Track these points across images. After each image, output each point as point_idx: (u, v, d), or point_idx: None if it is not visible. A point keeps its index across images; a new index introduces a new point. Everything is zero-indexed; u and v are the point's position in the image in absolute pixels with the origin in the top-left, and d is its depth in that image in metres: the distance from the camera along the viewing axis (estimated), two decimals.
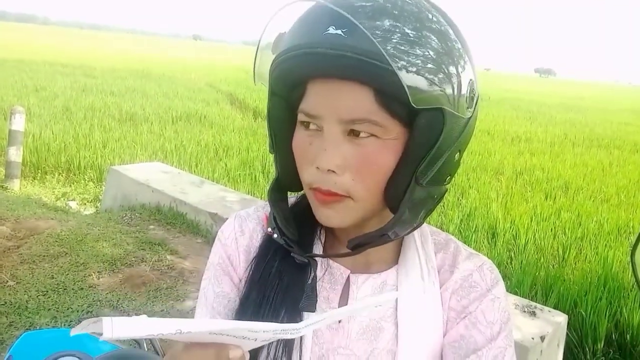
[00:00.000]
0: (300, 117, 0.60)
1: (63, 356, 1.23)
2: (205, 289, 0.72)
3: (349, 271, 0.68)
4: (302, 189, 0.66)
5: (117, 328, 0.36)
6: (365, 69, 0.53)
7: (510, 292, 3.50)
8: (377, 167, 0.58)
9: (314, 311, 0.63)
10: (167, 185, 4.76)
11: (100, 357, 1.16)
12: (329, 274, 0.69)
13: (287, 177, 0.66)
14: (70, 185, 6.31)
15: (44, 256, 3.54)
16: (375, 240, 0.61)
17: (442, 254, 0.71)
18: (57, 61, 21.71)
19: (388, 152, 0.58)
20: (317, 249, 0.69)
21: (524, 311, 2.64)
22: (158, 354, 1.32)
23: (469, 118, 0.60)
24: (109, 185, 5.31)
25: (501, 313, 0.66)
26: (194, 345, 0.45)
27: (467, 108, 0.59)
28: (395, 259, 0.70)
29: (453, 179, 0.64)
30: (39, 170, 6.56)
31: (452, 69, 0.56)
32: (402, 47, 0.52)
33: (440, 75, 0.55)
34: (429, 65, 0.54)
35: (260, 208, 0.76)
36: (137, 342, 1.38)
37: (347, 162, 0.57)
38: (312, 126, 0.59)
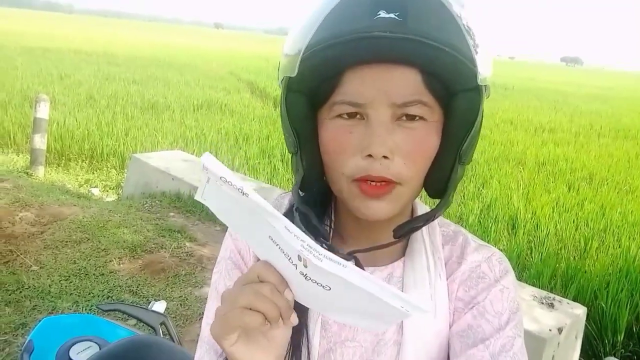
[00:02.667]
0: (338, 108, 0.58)
1: (81, 341, 1.26)
2: (216, 282, 0.73)
3: (353, 259, 0.67)
4: (324, 187, 0.65)
5: (210, 161, 0.46)
6: (423, 51, 0.54)
7: (529, 283, 3.46)
8: (426, 150, 0.59)
9: None
10: (187, 174, 4.81)
11: (117, 342, 1.18)
12: None
13: (312, 176, 0.64)
14: (93, 173, 6.41)
15: (67, 242, 3.62)
16: (421, 225, 0.64)
17: (450, 246, 0.71)
18: (81, 49, 22.00)
19: (434, 135, 0.59)
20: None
21: (542, 303, 2.61)
22: (173, 341, 1.34)
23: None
24: (130, 172, 5.39)
25: (510, 303, 0.66)
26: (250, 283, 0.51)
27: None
28: (401, 251, 0.70)
29: None
30: (63, 158, 6.68)
31: (484, 48, 0.58)
32: (452, 29, 0.55)
33: (478, 55, 0.57)
34: (472, 45, 0.56)
35: (272, 201, 0.76)
36: (153, 329, 1.40)
37: (398, 147, 0.57)
38: (350, 115, 0.58)
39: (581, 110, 17.17)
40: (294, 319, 0.53)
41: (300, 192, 0.65)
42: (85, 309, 2.82)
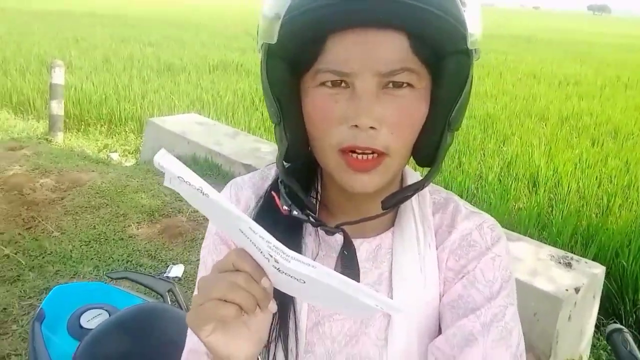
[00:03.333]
0: (322, 76, 0.55)
1: (91, 309, 1.28)
2: (204, 257, 0.72)
3: (342, 236, 0.63)
4: (309, 158, 0.63)
5: (166, 159, 0.44)
6: (410, 13, 0.51)
7: (549, 243, 3.42)
8: (414, 118, 0.57)
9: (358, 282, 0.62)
10: (202, 137, 4.81)
11: (125, 310, 1.20)
12: (323, 241, 0.67)
13: (296, 146, 0.61)
14: (112, 137, 6.46)
15: (86, 207, 3.68)
16: (410, 195, 0.61)
17: (440, 214, 0.68)
18: (95, 12, 21.88)
19: (422, 102, 0.57)
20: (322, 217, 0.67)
21: (560, 262, 2.58)
22: (182, 309, 1.36)
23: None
24: (147, 137, 5.42)
25: (502, 271, 0.63)
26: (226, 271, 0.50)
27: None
28: (391, 221, 0.68)
29: None
30: (82, 123, 6.73)
31: (473, 6, 0.55)
32: None
33: (467, 16, 0.54)
34: (461, 4, 0.53)
35: (257, 175, 0.73)
36: (161, 296, 1.42)
37: (385, 117, 0.55)
38: (334, 83, 0.55)
39: (608, 61, 16.58)
40: (272, 307, 0.52)
41: (285, 164, 0.63)
42: (105, 273, 2.89)
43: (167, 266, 1.62)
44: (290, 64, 0.57)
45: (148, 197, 3.90)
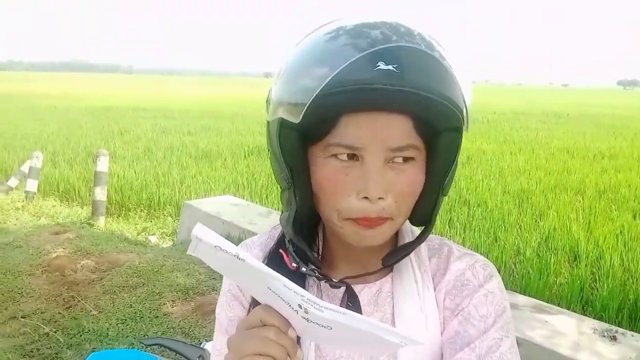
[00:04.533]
0: (334, 149, 0.60)
1: None
2: (219, 314, 0.77)
3: (345, 285, 0.68)
4: (315, 221, 0.70)
5: (203, 231, 0.50)
6: (416, 101, 0.57)
7: (595, 318, 3.27)
8: (415, 187, 0.64)
9: None
10: (236, 217, 4.92)
11: None
12: (325, 291, 0.71)
13: (304, 211, 0.65)
14: (150, 221, 6.66)
15: (124, 287, 3.76)
16: (409, 253, 0.67)
17: (436, 259, 0.73)
18: (139, 106, 23.27)
19: (420, 172, 0.64)
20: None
21: (604, 336, 2.46)
22: None
23: None
24: (183, 218, 5.57)
25: (495, 306, 0.66)
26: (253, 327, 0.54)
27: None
28: (389, 267, 0.71)
29: None
30: (123, 208, 6.99)
31: (465, 91, 0.62)
32: (439, 76, 0.59)
33: (462, 99, 0.61)
34: (458, 91, 0.61)
35: (264, 236, 0.79)
36: None
37: (391, 188, 0.61)
38: (345, 157, 0.60)
39: None
40: (300, 355, 0.56)
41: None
42: (140, 339, 2.90)
43: (200, 343, 1.64)
44: (302, 134, 0.62)
45: (183, 276, 3.97)
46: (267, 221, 4.84)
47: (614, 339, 2.43)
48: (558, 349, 2.40)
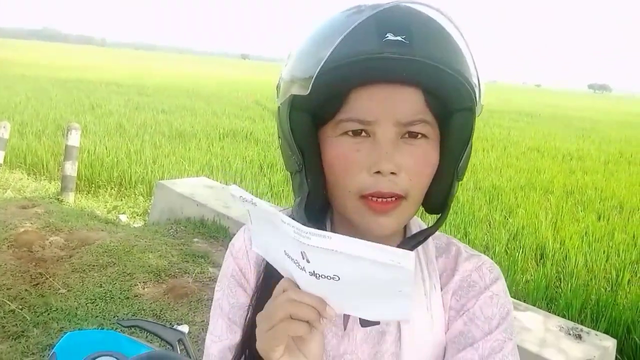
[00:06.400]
0: (345, 125, 0.60)
1: (102, 356, 1.29)
2: (219, 300, 0.74)
3: None
4: (326, 205, 0.67)
5: (239, 192, 0.53)
6: (427, 72, 0.57)
7: (558, 315, 3.37)
8: (429, 166, 0.63)
9: (378, 324, 0.67)
10: (211, 200, 4.88)
11: (135, 357, 1.20)
12: None
13: (316, 193, 0.64)
14: (121, 199, 6.54)
15: (94, 266, 3.69)
16: (423, 240, 0.67)
17: (443, 258, 0.72)
18: (112, 81, 22.71)
19: (435, 152, 0.63)
20: None
21: (569, 334, 2.54)
22: (190, 358, 1.35)
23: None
24: (156, 199, 5.49)
25: (500, 309, 0.67)
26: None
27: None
28: None
29: None
30: (93, 184, 6.84)
31: (477, 69, 0.62)
32: (452, 51, 0.59)
33: (475, 76, 0.61)
34: (471, 67, 0.60)
35: None
36: (170, 345, 1.42)
37: (404, 163, 0.60)
38: (356, 133, 0.60)
39: (610, 138, 16.87)
40: (330, 311, 0.54)
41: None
42: (117, 321, 2.86)
43: (172, 326, 1.63)
44: (312, 115, 0.62)
45: (155, 257, 3.91)
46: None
47: (579, 337, 2.51)
48: (524, 345, 2.46)
